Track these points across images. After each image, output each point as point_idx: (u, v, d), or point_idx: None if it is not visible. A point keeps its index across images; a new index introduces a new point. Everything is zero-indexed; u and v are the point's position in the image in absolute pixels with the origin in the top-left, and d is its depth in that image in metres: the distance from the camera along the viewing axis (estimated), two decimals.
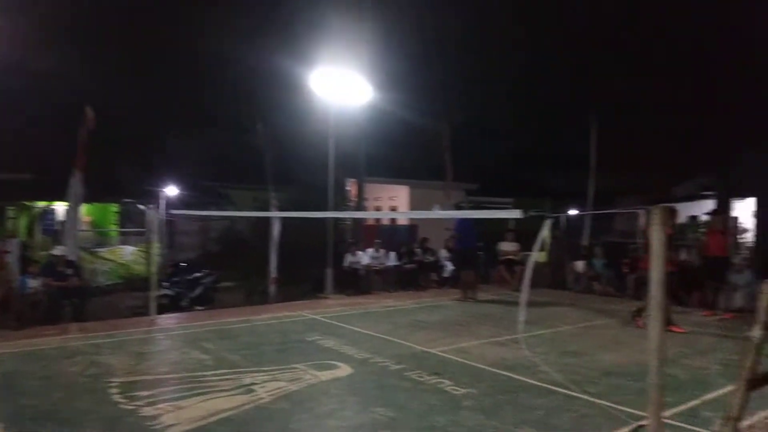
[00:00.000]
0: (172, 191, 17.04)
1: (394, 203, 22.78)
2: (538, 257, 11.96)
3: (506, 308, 9.98)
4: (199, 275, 11.02)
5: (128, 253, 13.70)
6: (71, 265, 9.16)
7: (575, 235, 14.88)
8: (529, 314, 8.85)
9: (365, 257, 12.47)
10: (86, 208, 16.20)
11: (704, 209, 16.10)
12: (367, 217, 20.03)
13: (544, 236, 4.74)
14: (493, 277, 13.54)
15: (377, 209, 22.96)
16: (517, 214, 3.75)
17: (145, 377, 5.47)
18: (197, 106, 19.10)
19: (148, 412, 4.43)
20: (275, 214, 11.18)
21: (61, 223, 14.95)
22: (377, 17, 15.55)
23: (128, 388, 5.04)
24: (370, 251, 12.68)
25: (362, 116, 14.39)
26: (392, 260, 12.90)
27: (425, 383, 5.28)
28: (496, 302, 10.78)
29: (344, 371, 5.68)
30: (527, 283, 4.08)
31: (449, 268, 13.46)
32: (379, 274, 12.63)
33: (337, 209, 13.41)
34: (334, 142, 11.79)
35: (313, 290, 11.70)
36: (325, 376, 5.50)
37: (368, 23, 15.03)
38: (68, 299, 8.77)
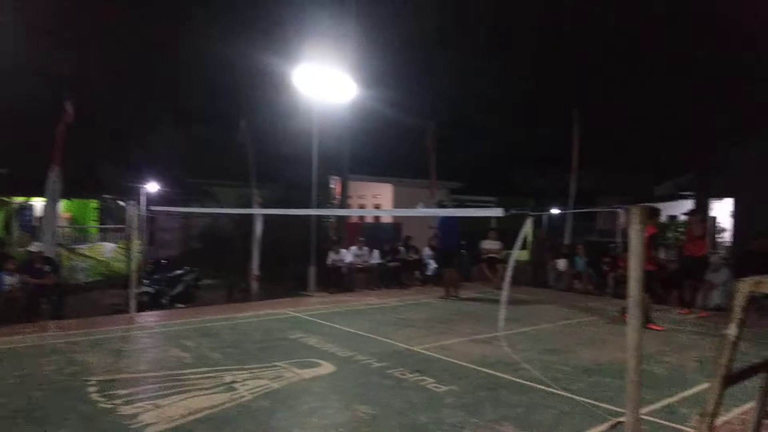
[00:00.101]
0: (153, 187, 16.84)
1: (377, 201, 22.80)
2: (519, 255, 12.04)
3: (488, 306, 10.04)
4: (180, 272, 10.91)
5: (108, 250, 13.49)
6: (49, 262, 9.02)
7: (557, 233, 15.04)
8: (510, 312, 8.93)
9: (348, 255, 12.46)
10: (65, 204, 15.94)
11: (683, 209, 16.39)
12: (350, 214, 20.02)
13: (525, 233, 4.77)
14: (475, 275, 13.62)
15: (361, 207, 22.97)
16: (498, 212, 3.78)
17: (123, 376, 5.40)
18: (180, 101, 18.92)
19: (126, 411, 4.38)
20: (258, 211, 11.11)
21: (39, 219, 14.70)
22: (362, 15, 15.55)
23: (106, 386, 4.97)
24: (353, 249, 12.67)
25: (346, 114, 14.38)
26: (375, 258, 12.91)
27: (407, 381, 5.29)
28: (478, 300, 10.84)
29: (326, 369, 5.67)
30: (508, 281, 4.11)
31: (432, 266, 13.53)
32: (362, 271, 12.63)
33: (320, 207, 13.37)
34: (317, 139, 11.77)
35: (296, 288, 11.67)
36: (307, 374, 5.48)
37: (353, 21, 15.02)
38: (46, 297, 8.65)
